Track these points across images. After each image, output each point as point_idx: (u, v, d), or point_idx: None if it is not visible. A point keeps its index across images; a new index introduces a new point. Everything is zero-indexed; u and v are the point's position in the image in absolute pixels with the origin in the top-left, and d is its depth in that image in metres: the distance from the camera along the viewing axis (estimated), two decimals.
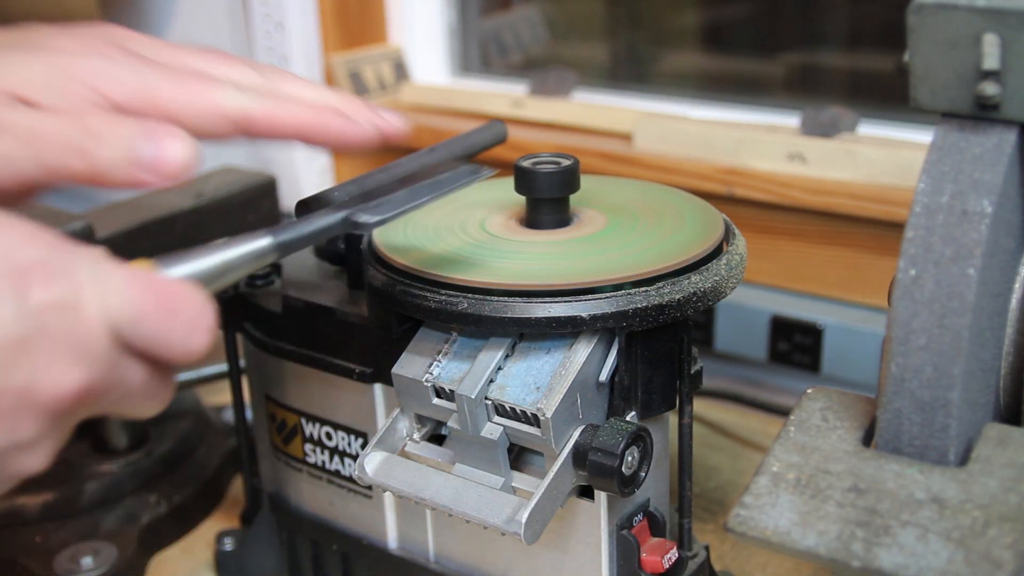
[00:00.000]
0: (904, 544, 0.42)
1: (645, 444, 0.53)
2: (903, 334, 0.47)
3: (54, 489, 0.74)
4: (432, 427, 0.58)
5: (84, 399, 0.40)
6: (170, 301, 0.41)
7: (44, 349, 0.38)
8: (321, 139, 0.49)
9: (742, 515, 0.45)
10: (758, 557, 0.72)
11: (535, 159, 0.59)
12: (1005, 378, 0.51)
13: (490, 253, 0.57)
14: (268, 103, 0.48)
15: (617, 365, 0.54)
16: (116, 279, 0.40)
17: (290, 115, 0.48)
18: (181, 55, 0.49)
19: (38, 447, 0.40)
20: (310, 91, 0.50)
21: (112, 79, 0.46)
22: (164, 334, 0.41)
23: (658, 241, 0.57)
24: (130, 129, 0.44)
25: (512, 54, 1.28)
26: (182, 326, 0.41)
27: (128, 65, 0.46)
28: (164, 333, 0.41)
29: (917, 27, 0.47)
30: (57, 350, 0.38)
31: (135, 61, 0.47)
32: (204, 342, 0.42)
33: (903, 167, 0.85)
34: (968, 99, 0.47)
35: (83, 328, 0.39)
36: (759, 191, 0.91)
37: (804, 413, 0.50)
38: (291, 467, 0.67)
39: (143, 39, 0.49)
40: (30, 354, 0.38)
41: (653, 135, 0.97)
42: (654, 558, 0.56)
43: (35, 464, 0.40)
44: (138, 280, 0.41)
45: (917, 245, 0.47)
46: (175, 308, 0.41)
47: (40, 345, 0.38)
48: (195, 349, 0.42)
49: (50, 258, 0.39)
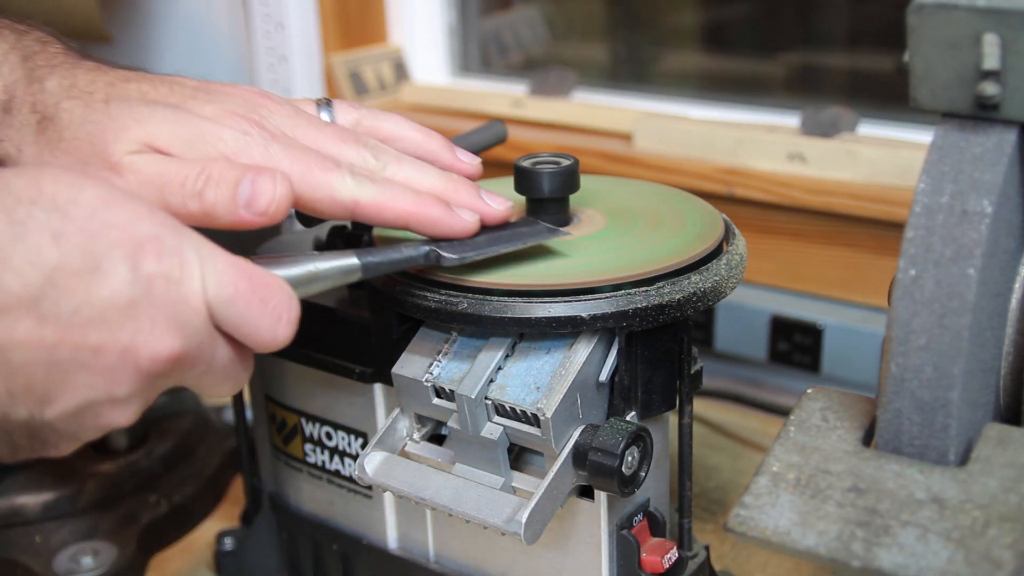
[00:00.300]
0: (904, 544, 0.42)
1: (645, 444, 0.53)
2: (903, 334, 0.47)
3: (54, 489, 0.74)
4: (432, 427, 0.58)
5: (176, 366, 0.44)
6: (262, 289, 0.45)
7: (148, 314, 0.42)
8: (423, 230, 0.53)
9: (742, 515, 0.45)
10: (758, 557, 0.72)
11: (535, 159, 0.59)
12: (1005, 378, 0.51)
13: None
14: (378, 194, 0.52)
15: (617, 365, 0.53)
16: (218, 262, 0.45)
17: (396, 207, 0.52)
18: (310, 132, 0.53)
19: (128, 404, 0.44)
20: (420, 176, 0.54)
21: (241, 153, 0.50)
22: (254, 319, 0.45)
23: (658, 241, 0.57)
24: (239, 172, 0.48)
25: (512, 54, 1.28)
26: (270, 314, 0.45)
27: (259, 142, 0.51)
28: (254, 318, 0.45)
29: (917, 27, 0.47)
30: (159, 316, 0.42)
31: (267, 138, 0.51)
32: (288, 333, 0.46)
33: (903, 167, 0.85)
34: (968, 99, 0.47)
35: (184, 300, 0.43)
36: (759, 191, 0.91)
37: (804, 413, 0.50)
38: (291, 467, 0.67)
39: (279, 109, 0.54)
40: (136, 317, 0.42)
41: (653, 135, 0.97)
42: (654, 558, 0.56)
43: (121, 419, 0.44)
44: (237, 266, 0.45)
45: (917, 245, 0.47)
46: (266, 296, 0.45)
47: (145, 310, 0.42)
48: (279, 338, 0.46)
49: (163, 235, 0.43)
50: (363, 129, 0.58)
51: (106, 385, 0.42)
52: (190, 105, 0.52)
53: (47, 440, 0.44)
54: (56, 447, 0.45)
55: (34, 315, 0.41)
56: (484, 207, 0.54)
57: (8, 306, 0.40)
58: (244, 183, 0.48)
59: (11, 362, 0.41)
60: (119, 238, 0.42)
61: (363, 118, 0.58)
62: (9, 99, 0.52)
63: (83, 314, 0.41)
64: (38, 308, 0.41)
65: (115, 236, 0.42)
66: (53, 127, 0.51)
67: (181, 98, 0.52)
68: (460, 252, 0.52)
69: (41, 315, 0.41)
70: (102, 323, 0.41)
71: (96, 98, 0.51)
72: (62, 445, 0.45)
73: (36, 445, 0.44)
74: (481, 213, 0.54)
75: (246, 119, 0.52)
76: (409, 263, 0.52)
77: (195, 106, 0.52)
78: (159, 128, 0.50)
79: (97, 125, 0.50)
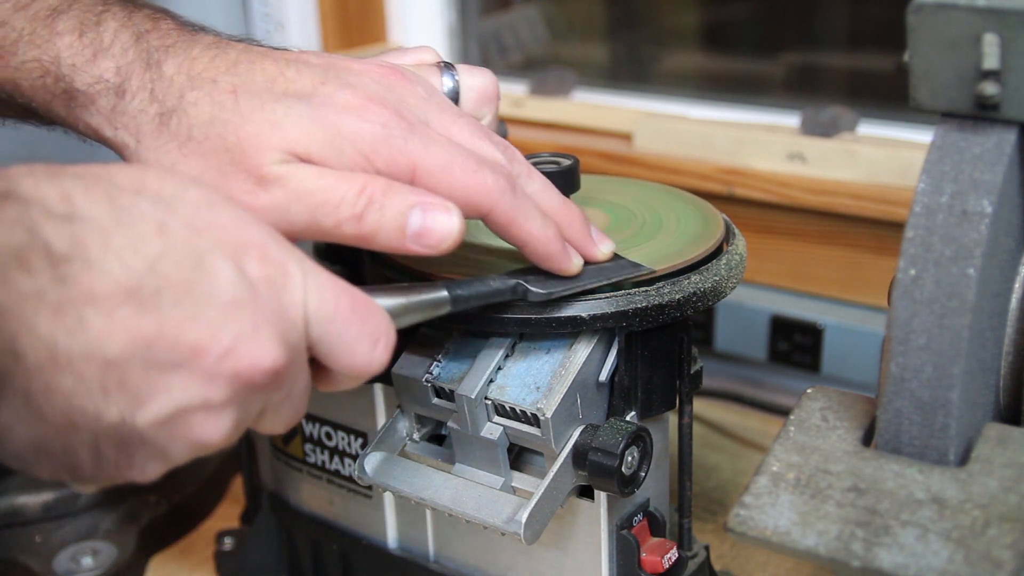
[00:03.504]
0: (904, 544, 0.42)
1: (645, 444, 0.53)
2: (903, 334, 0.47)
3: (54, 489, 0.74)
4: (432, 427, 0.58)
5: (273, 380, 0.41)
6: (363, 309, 0.43)
7: (251, 318, 0.40)
8: (535, 258, 0.51)
9: (742, 515, 0.45)
10: (758, 557, 0.72)
11: (535, 159, 0.59)
12: (1005, 378, 0.51)
13: (490, 253, 0.57)
14: (512, 209, 0.50)
15: (617, 365, 0.53)
16: (321, 277, 0.43)
17: (525, 226, 0.50)
18: (444, 120, 0.51)
19: (222, 415, 0.40)
20: (545, 195, 0.52)
21: (381, 152, 0.48)
22: (352, 338, 0.43)
23: (658, 241, 0.57)
24: (406, 200, 0.47)
25: (512, 54, 1.28)
26: (369, 335, 0.43)
27: (399, 135, 0.48)
28: (352, 337, 0.43)
29: (917, 27, 0.47)
30: (262, 322, 0.40)
31: (405, 130, 0.49)
32: (384, 358, 0.44)
33: (903, 167, 0.85)
34: (968, 99, 0.47)
35: (287, 309, 0.41)
36: (759, 191, 0.91)
37: (804, 413, 0.50)
38: (291, 467, 0.67)
39: (413, 90, 0.51)
40: (239, 319, 0.39)
41: (653, 135, 0.97)
42: (654, 558, 0.56)
43: (214, 433, 0.40)
44: (338, 284, 0.43)
45: (917, 245, 0.47)
46: (366, 316, 0.43)
47: (249, 313, 0.40)
48: (376, 360, 0.44)
49: (267, 242, 0.42)
50: None
51: (202, 389, 0.39)
52: (323, 94, 0.49)
53: (134, 456, 0.40)
54: (142, 469, 0.40)
55: (134, 305, 0.38)
56: (591, 248, 0.53)
57: (108, 293, 0.37)
58: (414, 215, 0.46)
59: (107, 354, 0.37)
60: (223, 238, 0.40)
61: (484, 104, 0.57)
62: (123, 82, 0.49)
63: (184, 309, 0.38)
64: (138, 298, 0.38)
65: (220, 235, 0.40)
66: (178, 122, 0.48)
67: (312, 83, 0.49)
68: (548, 288, 0.51)
69: (141, 306, 0.38)
70: (203, 321, 0.39)
71: (222, 88, 0.48)
72: (148, 466, 0.40)
73: (123, 461, 0.40)
74: (587, 255, 0.53)
75: (384, 106, 0.49)
76: (497, 296, 0.51)
77: (329, 94, 0.49)
78: (296, 130, 0.47)
79: (228, 126, 0.47)
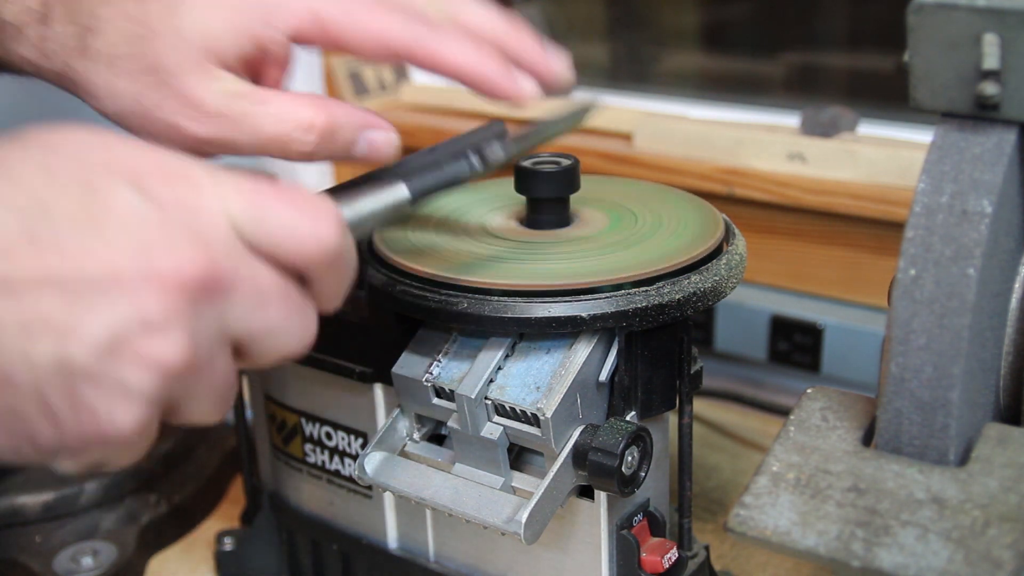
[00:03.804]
0: (904, 544, 0.42)
1: (645, 444, 0.53)
2: (903, 334, 0.47)
3: (54, 489, 0.74)
4: (432, 427, 0.58)
5: (211, 286, 0.39)
6: (290, 193, 0.41)
7: (162, 230, 0.38)
8: (477, 88, 0.49)
9: (742, 515, 0.45)
10: (758, 557, 0.72)
11: (535, 159, 0.59)
12: (1005, 378, 0.51)
13: (490, 253, 0.57)
14: (430, 43, 0.48)
15: (617, 365, 0.53)
16: (234, 180, 0.40)
17: (449, 59, 0.48)
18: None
19: (170, 332, 0.38)
20: (484, 21, 0.50)
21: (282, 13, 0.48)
22: (290, 225, 0.40)
23: (658, 241, 0.57)
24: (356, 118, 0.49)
25: None
26: (308, 216, 0.40)
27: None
28: (290, 224, 0.40)
29: (917, 27, 0.47)
30: (177, 233, 0.38)
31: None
32: (334, 234, 0.41)
33: (903, 167, 0.85)
34: (968, 99, 0.47)
35: (203, 218, 0.39)
36: (759, 191, 0.91)
37: (804, 413, 0.50)
38: (291, 467, 0.67)
39: None
40: (148, 232, 0.38)
41: (653, 135, 0.97)
42: (654, 558, 0.56)
43: (168, 350, 0.38)
44: (256, 180, 0.41)
45: (917, 245, 0.47)
46: (296, 199, 0.41)
47: (157, 227, 0.38)
48: (325, 241, 0.41)
49: (167, 162, 0.40)
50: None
51: (130, 307, 0.37)
52: None
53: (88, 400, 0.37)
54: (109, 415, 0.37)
55: (32, 247, 0.37)
56: (542, 66, 0.51)
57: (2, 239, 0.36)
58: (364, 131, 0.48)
59: (18, 296, 0.36)
60: (116, 166, 0.39)
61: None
62: (46, 9, 0.48)
63: (86, 236, 0.37)
64: (31, 235, 0.37)
65: (111, 163, 0.39)
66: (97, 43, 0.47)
67: None
68: (506, 149, 0.49)
69: (39, 246, 0.37)
70: (112, 246, 0.37)
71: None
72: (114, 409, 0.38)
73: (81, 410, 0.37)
74: (539, 74, 0.50)
75: None
76: (458, 179, 0.48)
77: None
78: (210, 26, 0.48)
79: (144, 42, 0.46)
